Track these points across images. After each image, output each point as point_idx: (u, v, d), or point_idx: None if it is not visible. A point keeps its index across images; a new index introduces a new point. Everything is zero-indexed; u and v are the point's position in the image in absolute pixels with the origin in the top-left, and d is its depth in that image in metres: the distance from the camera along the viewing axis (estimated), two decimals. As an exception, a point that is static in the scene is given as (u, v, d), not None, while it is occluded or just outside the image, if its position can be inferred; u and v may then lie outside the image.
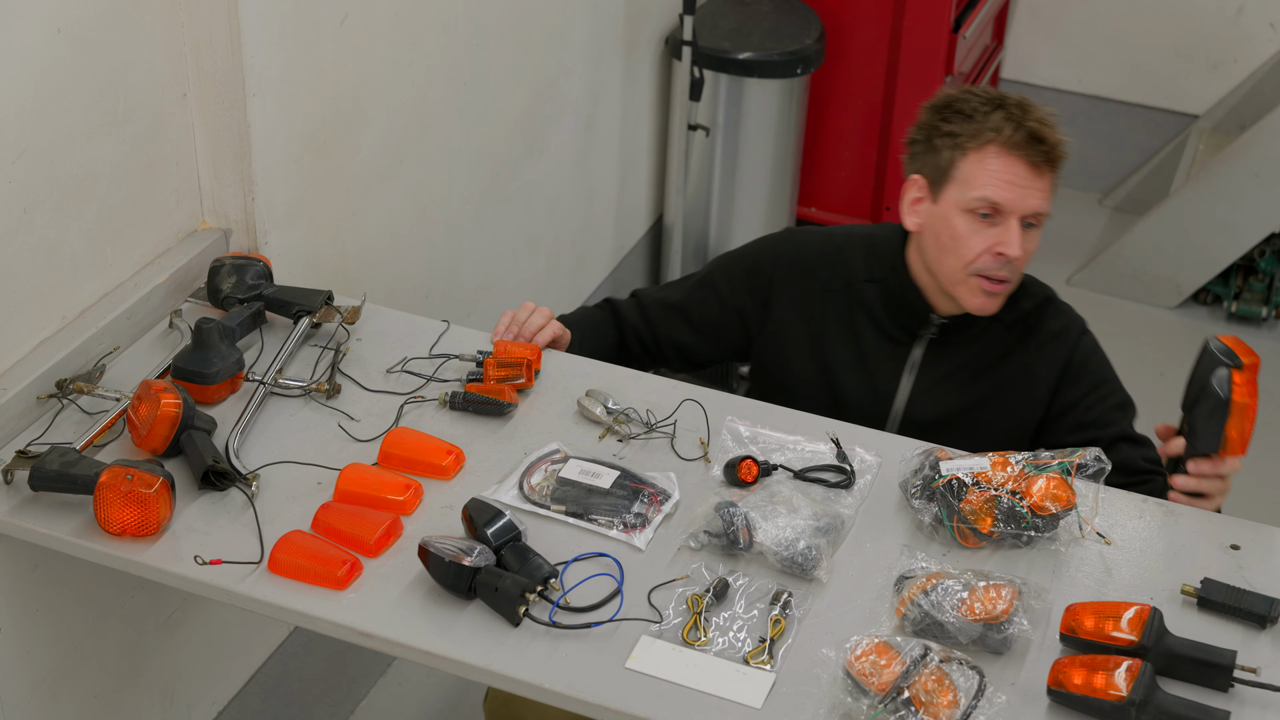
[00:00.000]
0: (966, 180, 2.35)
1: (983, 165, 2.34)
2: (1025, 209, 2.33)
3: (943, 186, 2.38)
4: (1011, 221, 2.33)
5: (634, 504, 2.11)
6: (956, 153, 2.36)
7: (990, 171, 2.33)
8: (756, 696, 1.85)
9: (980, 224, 2.35)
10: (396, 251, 3.03)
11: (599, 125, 3.79)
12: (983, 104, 2.36)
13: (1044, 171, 2.34)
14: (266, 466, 2.18)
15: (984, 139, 2.33)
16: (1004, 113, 2.34)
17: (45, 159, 2.22)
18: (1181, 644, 1.89)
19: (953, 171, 2.36)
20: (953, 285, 2.40)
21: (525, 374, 2.33)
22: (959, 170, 2.36)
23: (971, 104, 2.37)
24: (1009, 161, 2.33)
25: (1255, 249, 4.57)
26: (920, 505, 2.10)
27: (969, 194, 2.34)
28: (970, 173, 2.35)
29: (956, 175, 2.36)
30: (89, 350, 2.34)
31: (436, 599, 1.97)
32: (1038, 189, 2.34)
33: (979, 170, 2.34)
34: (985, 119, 2.34)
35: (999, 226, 2.34)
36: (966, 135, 2.35)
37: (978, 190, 2.33)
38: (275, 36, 2.51)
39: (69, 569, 2.33)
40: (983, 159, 2.34)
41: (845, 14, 4.28)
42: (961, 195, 2.35)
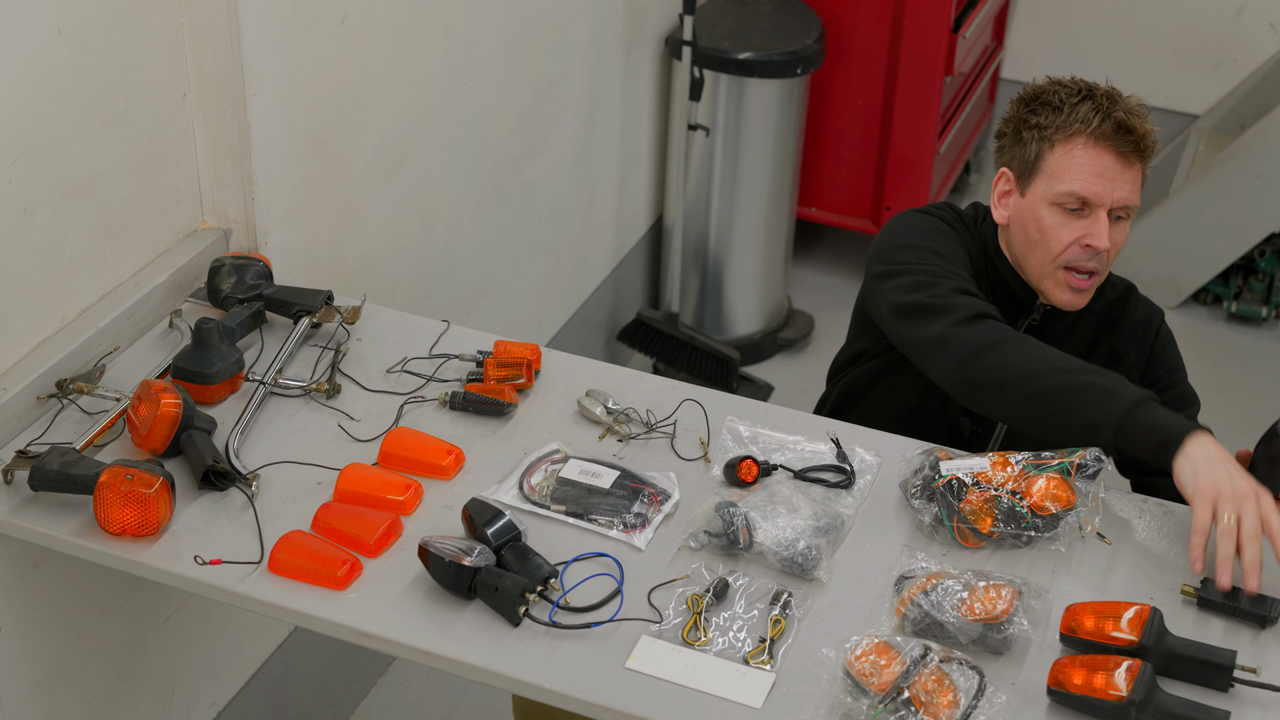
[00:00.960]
0: (1054, 173, 2.32)
1: (1070, 158, 2.31)
2: (1114, 201, 2.31)
3: (1030, 179, 2.36)
4: (1100, 214, 2.31)
5: (634, 504, 2.11)
6: (1044, 145, 2.33)
7: (1078, 164, 2.31)
8: (756, 696, 1.85)
9: (1068, 217, 2.32)
10: (396, 251, 3.03)
11: (599, 125, 3.79)
12: (1070, 95, 2.34)
13: (1133, 162, 2.31)
14: (266, 466, 2.18)
15: (1071, 130, 2.31)
16: (1091, 103, 2.32)
17: (45, 159, 2.22)
18: (1181, 644, 1.89)
19: (1040, 164, 2.34)
20: (1040, 279, 2.38)
21: (525, 374, 2.33)
22: (1046, 163, 2.33)
23: (1059, 95, 2.34)
24: (1097, 153, 2.30)
25: (1255, 249, 4.57)
26: (920, 505, 2.10)
27: (1056, 187, 2.32)
28: (1058, 165, 2.32)
29: (1044, 168, 2.34)
30: (89, 350, 2.34)
31: (436, 599, 1.97)
32: (1127, 180, 2.31)
33: (1066, 163, 2.31)
34: (1073, 110, 2.32)
35: (1087, 219, 2.32)
36: (1054, 127, 2.33)
37: (1065, 184, 2.31)
38: (275, 36, 2.51)
39: (69, 569, 2.33)
40: (1070, 151, 2.31)
41: (845, 14, 4.28)
42: (1049, 188, 2.33)
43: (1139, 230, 4.65)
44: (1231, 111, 4.89)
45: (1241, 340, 4.56)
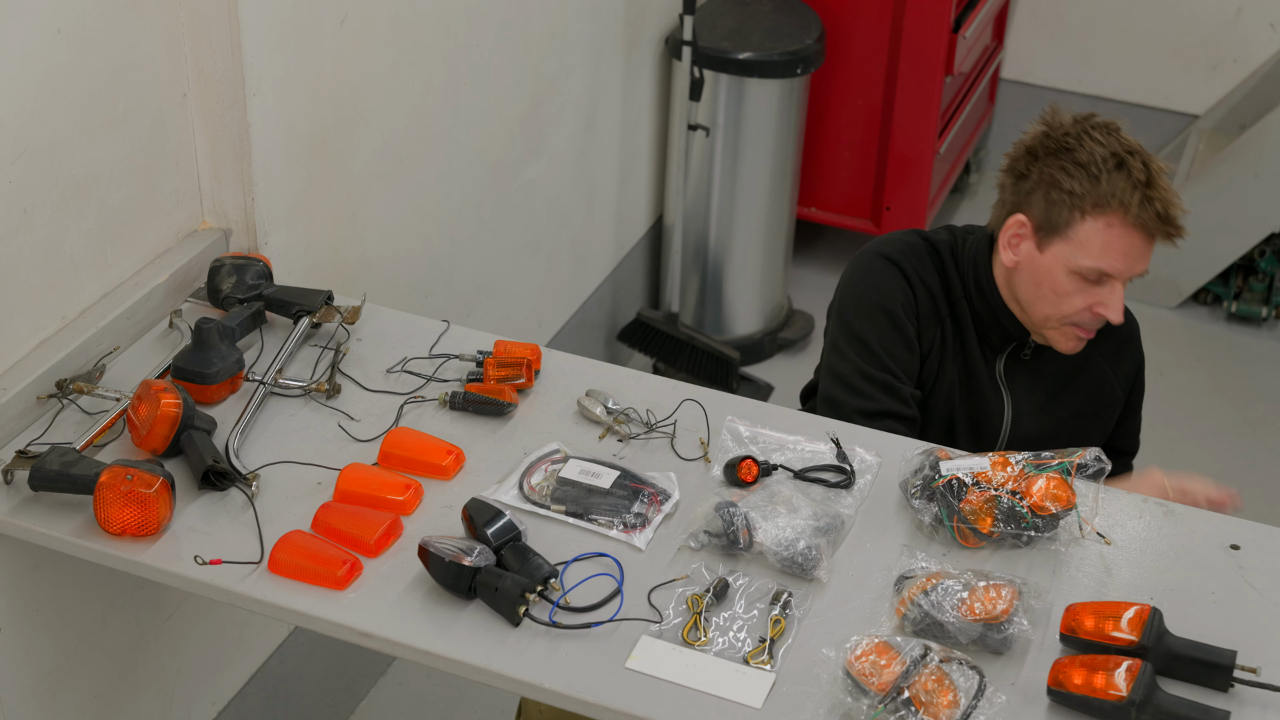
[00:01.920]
0: (1082, 245, 2.30)
1: (1101, 235, 2.29)
2: (1133, 274, 2.33)
3: (1052, 239, 2.33)
4: (1118, 285, 2.33)
5: (634, 504, 2.11)
6: (1075, 213, 2.30)
7: (1108, 243, 2.29)
8: (756, 696, 1.85)
9: (1085, 284, 2.33)
10: (396, 251, 3.03)
11: (599, 125, 3.79)
12: (1105, 159, 2.28)
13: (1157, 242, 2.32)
14: (266, 466, 2.18)
15: (1109, 209, 2.28)
16: (1128, 177, 2.27)
17: (45, 159, 2.22)
18: (1181, 644, 1.89)
19: (1068, 231, 2.31)
20: (1043, 328, 2.40)
21: (525, 374, 2.33)
22: (1075, 231, 2.30)
23: (1094, 159, 2.28)
24: (1129, 234, 2.29)
25: (1255, 249, 4.57)
26: (920, 505, 2.10)
27: (1082, 261, 2.31)
28: (1087, 239, 2.30)
29: (1071, 235, 2.31)
30: (89, 350, 2.34)
31: (436, 599, 1.97)
32: (1147, 255, 2.33)
33: (1096, 240, 2.29)
34: (1110, 182, 2.27)
35: (1104, 287, 2.33)
36: (1089, 200, 2.28)
37: (1092, 260, 2.30)
38: (275, 36, 2.51)
39: (69, 569, 2.33)
40: (1103, 230, 2.29)
41: (845, 14, 4.28)
42: (1073, 258, 2.31)
43: (1139, 230, 4.65)
44: (1231, 111, 4.88)
45: (1241, 340, 4.56)
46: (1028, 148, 2.38)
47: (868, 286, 2.47)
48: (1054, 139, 2.34)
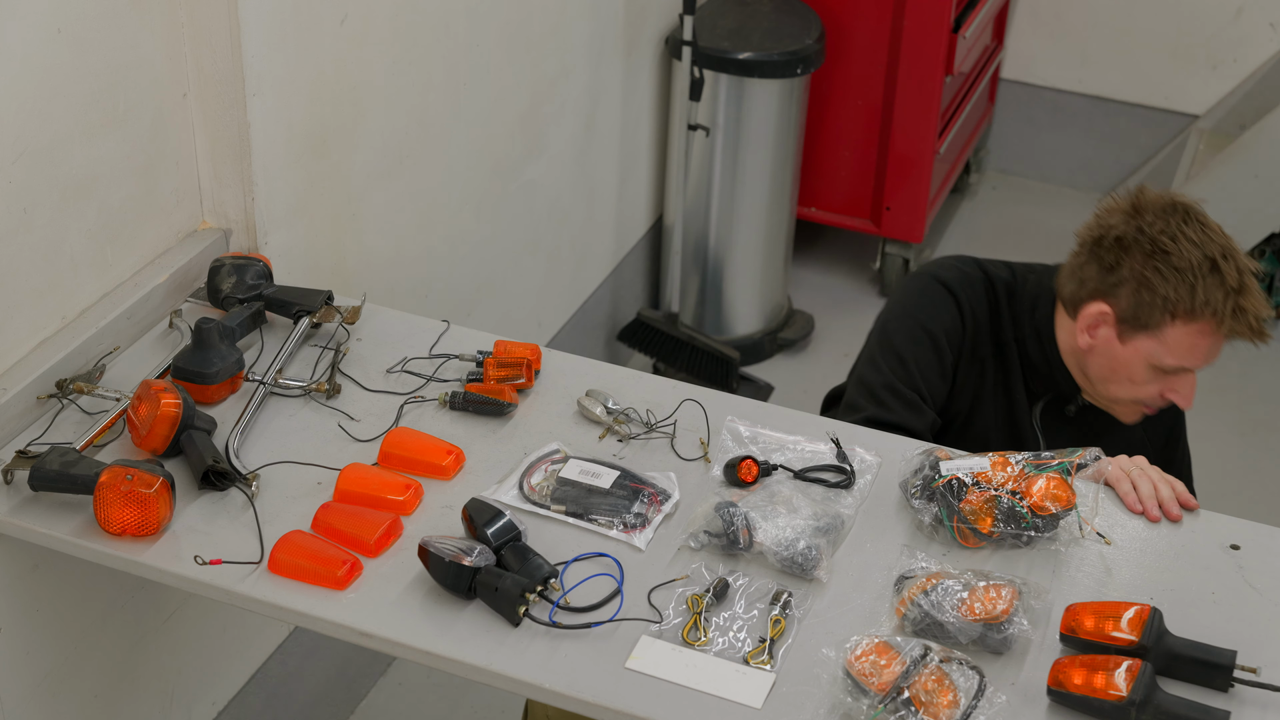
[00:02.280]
0: (1169, 346, 2.31)
1: (1190, 340, 2.30)
2: (1206, 365, 2.35)
3: (1137, 334, 2.33)
4: (1191, 376, 2.35)
5: (634, 504, 2.11)
6: (1166, 316, 2.30)
7: (1194, 347, 2.31)
8: (756, 696, 1.85)
9: (1162, 375, 2.35)
10: (396, 251, 3.03)
11: (599, 125, 3.79)
12: (1200, 263, 2.28)
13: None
14: (266, 466, 2.18)
15: (1202, 317, 2.28)
16: (1221, 284, 2.27)
17: (45, 159, 2.22)
18: (1182, 644, 1.89)
19: (1157, 331, 2.31)
20: (1109, 403, 2.43)
21: (525, 374, 2.33)
22: (1163, 333, 2.31)
23: (1189, 262, 2.28)
24: (1218, 341, 2.31)
25: (1255, 249, 4.57)
26: (920, 505, 2.10)
27: (1166, 360, 2.32)
28: (1175, 341, 2.31)
29: (1159, 335, 2.32)
30: (89, 350, 2.34)
31: (436, 599, 1.97)
32: (1220, 351, 2.34)
33: (1183, 344, 2.31)
34: (1205, 290, 2.27)
35: (1178, 377, 2.35)
36: (1183, 308, 2.29)
37: (1176, 360, 2.32)
38: (275, 36, 2.51)
39: (69, 569, 2.33)
40: (1193, 335, 2.30)
41: (845, 14, 4.28)
42: (1157, 356, 2.32)
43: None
44: (1231, 111, 4.88)
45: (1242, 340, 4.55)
46: (1118, 238, 2.35)
47: (918, 307, 2.47)
48: (1148, 236, 2.32)
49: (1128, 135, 5.11)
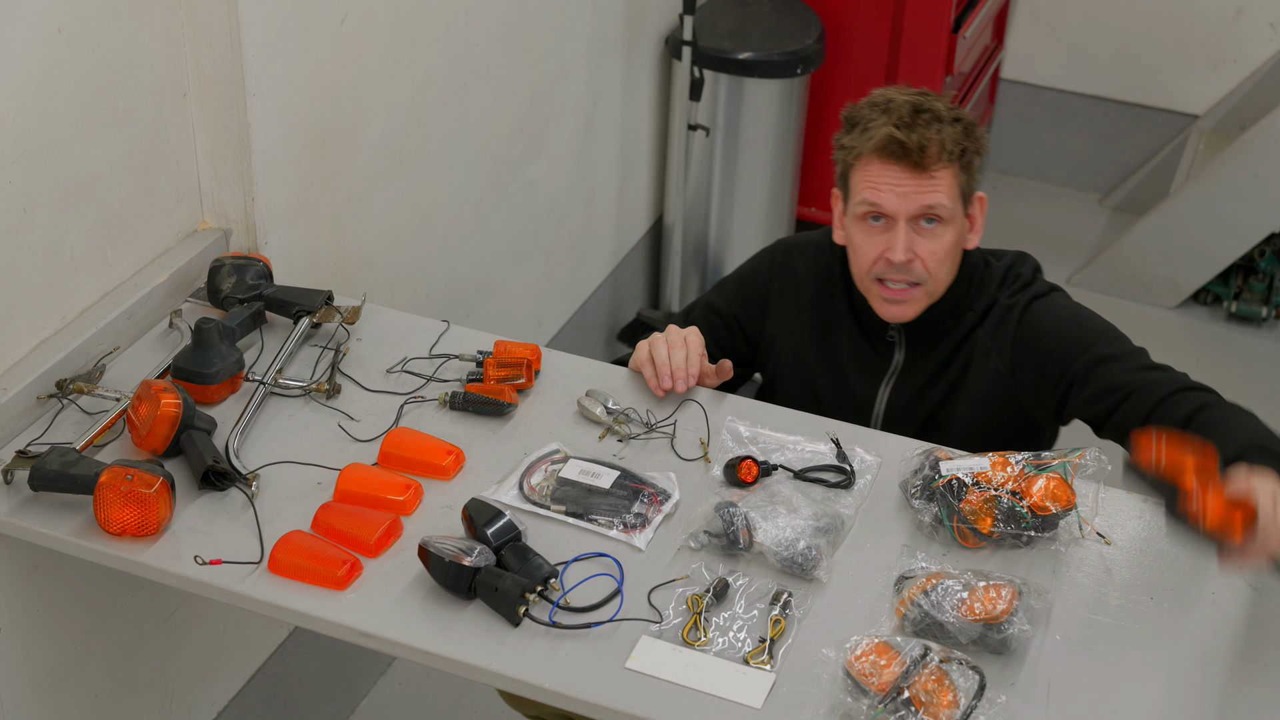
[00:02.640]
0: (854, 189, 2.35)
1: (864, 172, 2.33)
2: (910, 211, 2.30)
3: (846, 199, 2.39)
4: (898, 225, 2.31)
5: (634, 504, 2.11)
6: (848, 165, 2.36)
7: (868, 178, 2.32)
8: (756, 696, 1.85)
9: (874, 229, 2.33)
10: (396, 251, 3.03)
11: (599, 125, 3.79)
12: (873, 112, 2.34)
13: (929, 168, 2.29)
14: (266, 466, 2.18)
15: (864, 149, 2.32)
16: (885, 117, 2.32)
17: (45, 159, 2.22)
18: None
19: (848, 183, 2.37)
20: (866, 294, 2.40)
21: (525, 374, 2.33)
22: (851, 181, 2.36)
23: (864, 113, 2.35)
24: (884, 166, 2.30)
25: (1255, 249, 4.57)
26: (920, 505, 2.10)
27: (855, 201, 2.35)
28: (856, 182, 2.34)
29: (850, 186, 2.36)
30: (89, 350, 2.34)
31: (436, 599, 1.97)
32: (922, 187, 2.29)
33: (861, 178, 2.33)
34: (867, 127, 2.33)
35: (890, 232, 2.32)
36: (851, 147, 2.35)
37: (859, 196, 2.33)
38: (275, 36, 2.51)
39: (69, 569, 2.33)
40: (865, 166, 2.33)
41: (845, 14, 4.28)
42: (853, 204, 2.36)
43: (1139, 230, 4.66)
44: (1231, 111, 4.88)
45: (1241, 340, 4.56)
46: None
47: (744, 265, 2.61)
48: (844, 114, 2.40)
49: (1128, 135, 5.11)
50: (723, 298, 2.57)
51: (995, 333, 2.41)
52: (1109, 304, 4.65)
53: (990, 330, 2.41)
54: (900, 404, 2.46)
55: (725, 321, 2.54)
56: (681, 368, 2.32)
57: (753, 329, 2.54)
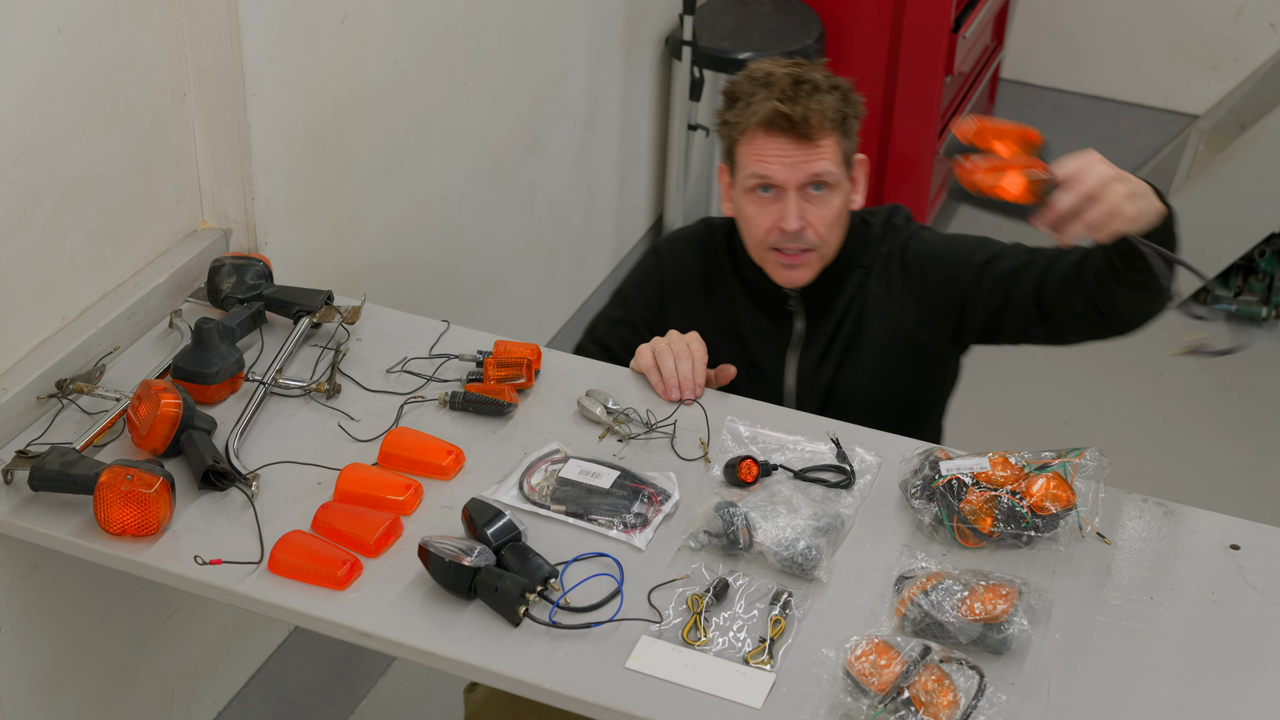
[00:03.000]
0: (742, 163, 2.38)
1: (751, 146, 2.36)
2: (798, 180, 2.34)
3: (734, 172, 2.41)
4: (788, 194, 2.35)
5: (634, 504, 2.11)
6: (733, 140, 2.39)
7: (755, 151, 2.35)
8: (756, 696, 1.85)
9: (764, 201, 2.37)
10: (396, 251, 3.03)
11: (599, 125, 3.79)
12: (753, 86, 2.37)
13: (814, 138, 2.32)
14: (266, 466, 2.18)
15: (749, 123, 2.35)
16: (766, 91, 2.34)
17: (45, 159, 2.22)
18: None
19: (735, 157, 2.40)
20: (762, 264, 2.44)
21: (525, 374, 2.33)
22: (737, 155, 2.39)
23: (744, 88, 2.38)
24: (770, 139, 2.34)
25: (1255, 249, 4.57)
26: (920, 505, 2.10)
27: (743, 175, 2.38)
28: (742, 156, 2.37)
29: (737, 160, 2.39)
30: (89, 350, 2.34)
31: (436, 599, 1.97)
32: (810, 156, 2.33)
33: (747, 151, 2.36)
34: (749, 101, 2.35)
35: (780, 201, 2.36)
36: (735, 123, 2.38)
37: (748, 169, 2.36)
38: (275, 36, 2.51)
39: (69, 569, 2.33)
40: (750, 140, 2.36)
41: (845, 14, 4.28)
42: (741, 178, 2.39)
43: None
44: (1231, 111, 4.88)
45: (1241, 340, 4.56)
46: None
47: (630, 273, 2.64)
48: (725, 89, 2.42)
49: (1128, 135, 5.11)
50: (623, 308, 2.59)
51: (882, 280, 2.47)
52: (1109, 304, 4.65)
53: (878, 279, 2.48)
54: (808, 370, 2.50)
55: (634, 329, 2.55)
56: (689, 379, 2.34)
57: (659, 329, 2.54)
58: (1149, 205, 2.16)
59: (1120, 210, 2.10)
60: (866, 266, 2.47)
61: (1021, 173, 2.05)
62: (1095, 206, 2.08)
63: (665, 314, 2.54)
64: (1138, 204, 2.13)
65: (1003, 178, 2.05)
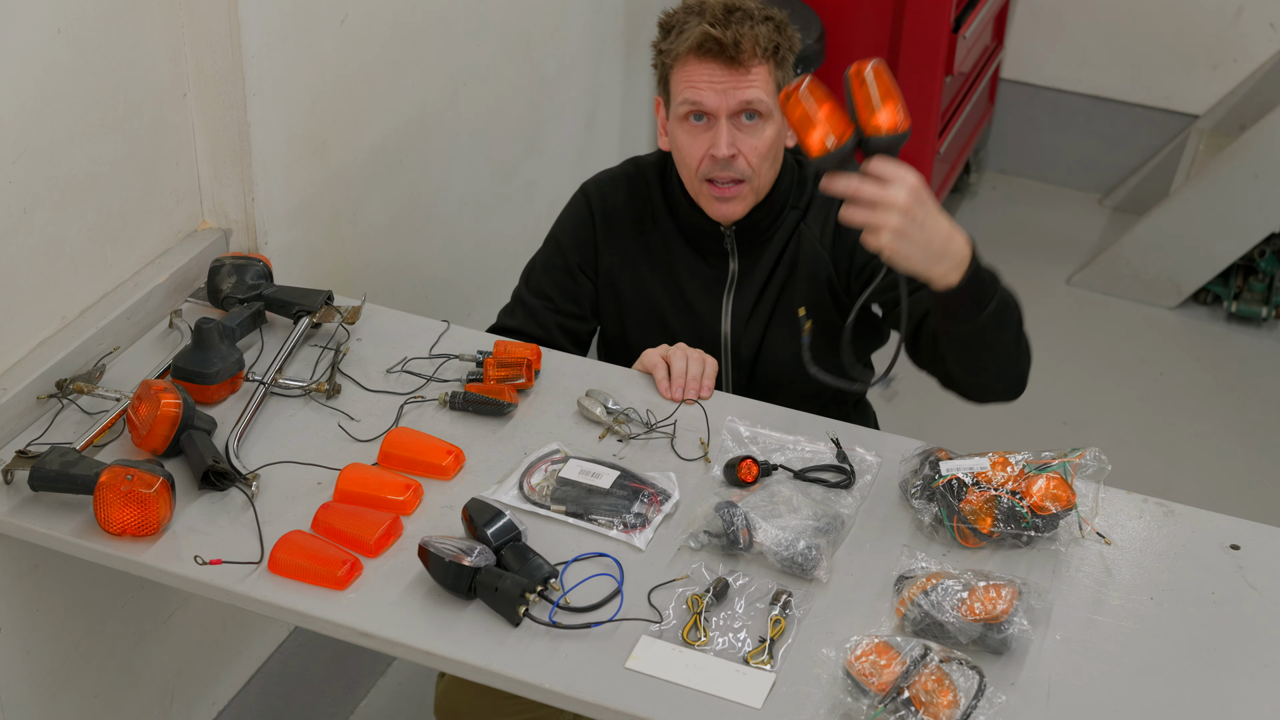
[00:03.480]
0: (674, 91, 2.38)
1: (683, 73, 2.36)
2: (730, 107, 2.34)
3: (668, 103, 2.41)
4: (719, 122, 2.35)
5: (634, 504, 2.11)
6: (667, 69, 2.39)
7: (687, 77, 2.35)
8: (756, 696, 1.85)
9: (697, 129, 2.37)
10: (396, 251, 3.03)
11: (599, 125, 3.79)
12: (687, 15, 2.37)
13: (745, 64, 2.32)
14: (266, 466, 2.18)
15: (681, 49, 2.35)
16: (698, 18, 2.35)
17: (45, 159, 2.22)
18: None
19: (669, 87, 2.40)
20: (696, 198, 2.44)
21: (525, 374, 2.33)
22: (670, 84, 2.39)
23: (678, 17, 2.39)
24: (702, 65, 2.33)
25: (1255, 249, 4.57)
26: (920, 505, 2.10)
27: (675, 103, 2.38)
28: (675, 83, 2.38)
29: (670, 89, 2.39)
30: (89, 350, 2.34)
31: (436, 599, 1.97)
32: (740, 84, 2.33)
33: (680, 78, 2.36)
34: (685, 29, 2.35)
35: (712, 129, 2.36)
36: (668, 50, 2.38)
37: (680, 96, 2.36)
38: (275, 36, 2.51)
39: (69, 569, 2.33)
40: (683, 67, 2.36)
41: (845, 14, 4.28)
42: (674, 105, 2.38)
43: (1139, 230, 4.66)
44: (1231, 111, 4.89)
45: (1241, 340, 4.56)
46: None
47: (557, 220, 2.62)
48: (661, 21, 2.42)
49: (1128, 135, 5.11)
50: (556, 254, 2.57)
51: (818, 220, 2.48)
52: (1109, 304, 4.66)
53: (814, 219, 2.48)
54: (744, 311, 2.50)
55: (570, 273, 2.55)
56: (697, 379, 2.34)
57: (592, 272, 2.56)
58: (934, 259, 2.08)
59: (881, 238, 2.05)
60: (803, 208, 2.48)
61: (828, 134, 2.05)
62: (868, 213, 2.05)
63: (599, 255, 2.55)
64: (909, 246, 2.05)
65: (813, 124, 2.06)
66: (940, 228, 2.07)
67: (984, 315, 2.15)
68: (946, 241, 2.08)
